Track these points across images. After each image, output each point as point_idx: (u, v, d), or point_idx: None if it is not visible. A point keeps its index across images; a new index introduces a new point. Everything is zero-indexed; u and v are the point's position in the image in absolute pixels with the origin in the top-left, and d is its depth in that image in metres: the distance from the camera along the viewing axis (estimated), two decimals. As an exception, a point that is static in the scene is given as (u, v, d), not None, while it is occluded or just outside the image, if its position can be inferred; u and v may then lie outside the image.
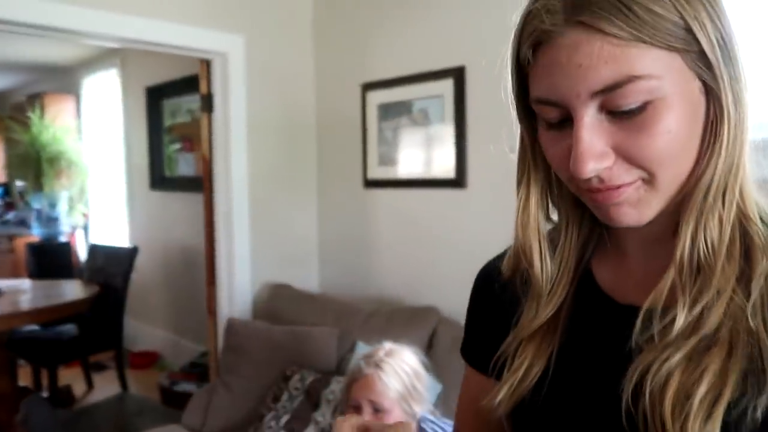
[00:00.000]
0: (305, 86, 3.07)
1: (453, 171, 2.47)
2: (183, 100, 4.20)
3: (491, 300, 0.73)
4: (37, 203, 5.36)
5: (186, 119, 4.22)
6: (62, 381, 3.70)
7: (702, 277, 0.53)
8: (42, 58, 5.37)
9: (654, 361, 0.52)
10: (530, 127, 0.61)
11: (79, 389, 3.89)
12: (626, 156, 0.52)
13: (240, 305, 2.88)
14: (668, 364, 0.51)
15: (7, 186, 6.46)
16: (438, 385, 1.98)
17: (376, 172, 2.80)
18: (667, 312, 0.53)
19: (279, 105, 2.96)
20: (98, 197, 5.43)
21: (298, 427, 2.11)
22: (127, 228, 4.94)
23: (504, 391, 0.63)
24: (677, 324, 0.52)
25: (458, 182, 2.45)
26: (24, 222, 5.70)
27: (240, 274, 2.87)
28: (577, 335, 0.63)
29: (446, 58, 2.46)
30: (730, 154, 0.52)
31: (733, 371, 0.50)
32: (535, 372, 0.63)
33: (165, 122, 4.42)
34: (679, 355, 0.51)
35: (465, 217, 2.46)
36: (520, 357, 0.64)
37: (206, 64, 2.82)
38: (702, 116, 0.53)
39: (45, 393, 3.56)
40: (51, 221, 5.30)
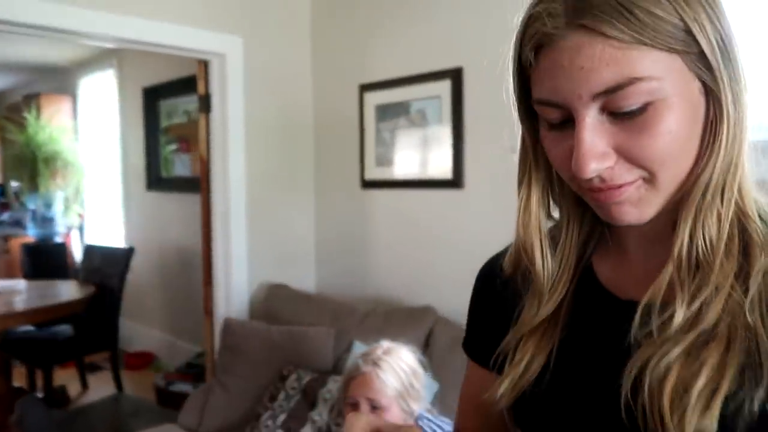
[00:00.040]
0: (303, 87, 3.07)
1: (450, 172, 2.47)
2: (179, 101, 4.20)
3: (493, 296, 0.74)
4: (33, 204, 5.33)
5: (182, 120, 4.22)
6: (57, 382, 3.69)
7: (701, 274, 0.54)
8: (38, 59, 5.35)
9: (653, 356, 0.53)
10: (531, 128, 0.62)
11: (74, 390, 3.88)
12: (627, 156, 0.53)
13: (237, 305, 2.88)
14: (667, 359, 0.52)
15: (3, 186, 6.43)
16: (435, 384, 1.99)
17: (374, 173, 2.81)
18: (666, 307, 0.54)
19: (277, 106, 2.97)
20: (94, 198, 5.41)
21: (295, 427, 2.12)
22: (123, 228, 4.93)
23: (505, 385, 0.64)
24: (676, 319, 0.53)
25: (455, 183, 2.46)
26: (19, 222, 5.67)
27: (237, 275, 2.87)
28: (578, 330, 0.64)
29: (444, 60, 2.46)
30: (729, 153, 0.53)
31: (731, 365, 0.50)
32: (536, 366, 0.64)
33: (161, 123, 4.42)
34: (678, 350, 0.52)
35: (462, 218, 2.46)
36: (522, 351, 0.65)
37: (204, 65, 2.82)
38: (702, 116, 0.54)
39: (40, 393, 3.55)
40: (46, 222, 5.28)
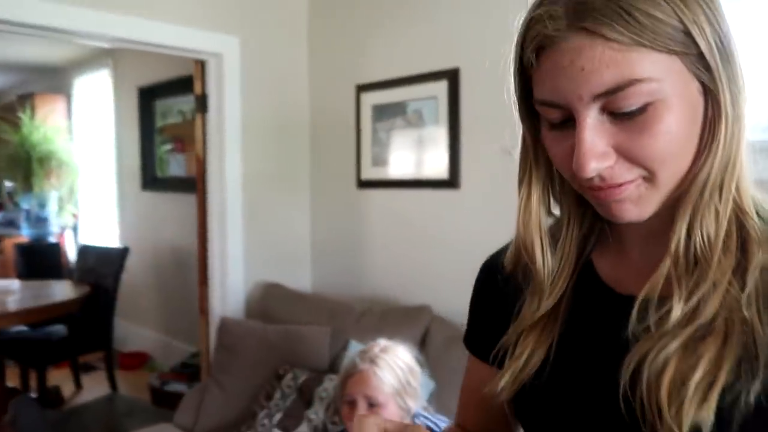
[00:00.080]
0: (300, 87, 3.08)
1: (446, 172, 2.48)
2: (175, 101, 4.20)
3: (494, 292, 0.75)
4: (27, 203, 5.31)
5: (177, 120, 4.22)
6: (51, 382, 3.67)
7: (699, 270, 0.55)
8: (33, 58, 5.33)
9: (651, 349, 0.54)
10: (532, 127, 0.63)
11: (68, 390, 3.87)
12: (627, 155, 0.54)
13: (232, 305, 2.88)
14: (665, 352, 0.53)
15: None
16: (431, 383, 2.00)
17: (370, 173, 2.82)
18: (664, 302, 0.55)
19: (273, 105, 2.97)
20: (88, 197, 5.40)
21: (291, 425, 2.12)
22: (118, 228, 4.92)
23: (506, 378, 0.66)
24: (674, 314, 0.54)
25: (452, 183, 2.47)
26: (13, 222, 5.65)
27: (233, 274, 2.87)
28: (578, 324, 0.65)
29: (441, 60, 2.48)
30: (727, 152, 0.54)
31: (728, 358, 0.52)
32: (537, 359, 0.65)
33: (156, 123, 4.42)
34: (676, 344, 0.53)
35: (458, 218, 2.47)
36: (522, 345, 0.66)
37: (201, 65, 2.82)
38: (700, 116, 0.55)
39: (34, 394, 3.53)
40: (40, 222, 5.26)
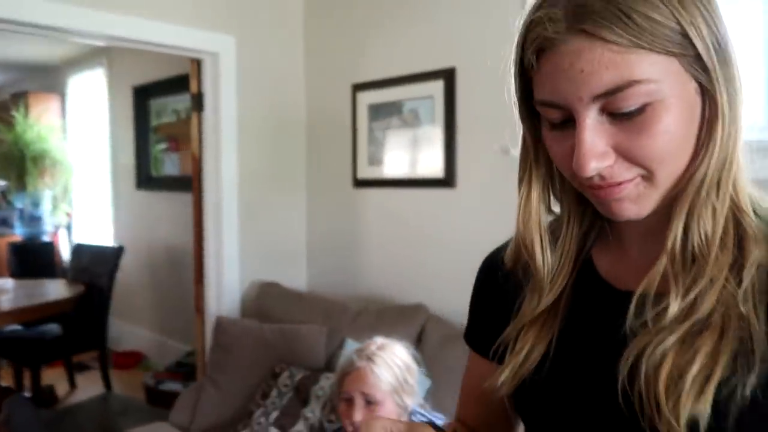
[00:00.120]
0: (296, 86, 3.08)
1: (442, 171, 2.50)
2: (169, 100, 4.19)
3: (495, 288, 0.76)
4: (20, 202, 5.30)
5: (172, 119, 4.21)
6: (45, 381, 3.67)
7: (696, 266, 0.56)
8: (27, 57, 5.31)
9: (649, 344, 0.56)
10: (532, 127, 0.64)
11: (62, 389, 3.86)
12: (626, 155, 0.55)
13: (228, 304, 2.88)
14: (663, 347, 0.55)
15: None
16: (427, 381, 2.01)
17: (366, 172, 2.83)
18: (661, 298, 0.57)
19: (269, 105, 2.98)
20: (82, 196, 5.38)
21: (288, 424, 2.13)
22: (112, 227, 4.91)
23: (506, 373, 0.67)
24: (671, 310, 0.55)
25: (447, 182, 2.48)
26: (6, 221, 5.62)
27: (228, 273, 2.88)
28: (577, 320, 0.67)
29: (437, 60, 2.49)
30: (724, 151, 0.56)
31: (724, 353, 0.53)
32: (536, 355, 0.66)
33: (151, 122, 4.41)
34: (673, 338, 0.55)
35: (454, 217, 2.49)
36: (522, 341, 0.67)
37: (197, 64, 2.83)
38: (698, 116, 0.56)
39: (27, 393, 3.52)
40: (34, 220, 5.24)
